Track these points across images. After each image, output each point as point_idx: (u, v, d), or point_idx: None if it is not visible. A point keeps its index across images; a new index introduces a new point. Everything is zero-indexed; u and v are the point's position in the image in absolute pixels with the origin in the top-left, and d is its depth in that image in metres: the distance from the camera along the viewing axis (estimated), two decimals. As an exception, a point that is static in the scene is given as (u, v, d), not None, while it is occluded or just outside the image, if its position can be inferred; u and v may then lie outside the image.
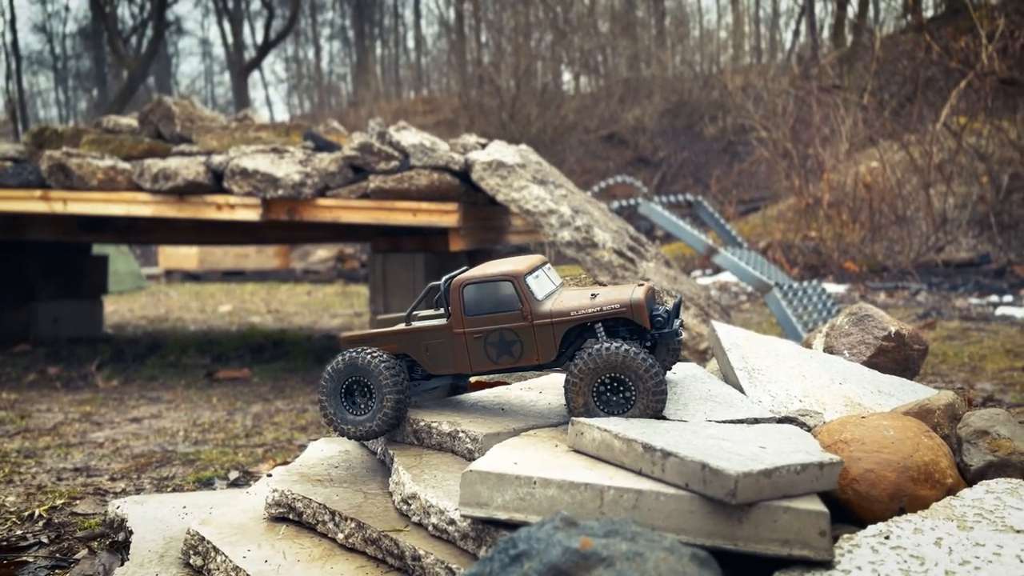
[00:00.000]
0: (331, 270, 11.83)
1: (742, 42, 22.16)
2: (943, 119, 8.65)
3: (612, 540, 1.28)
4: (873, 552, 1.43)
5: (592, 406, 1.78)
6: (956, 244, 9.03)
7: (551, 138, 16.66)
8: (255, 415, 3.53)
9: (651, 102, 19.00)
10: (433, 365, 1.93)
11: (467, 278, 1.89)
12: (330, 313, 7.43)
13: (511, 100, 16.80)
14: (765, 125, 10.99)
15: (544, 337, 1.85)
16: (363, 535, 1.69)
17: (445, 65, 25.49)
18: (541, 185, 4.04)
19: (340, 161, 4.22)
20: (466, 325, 1.88)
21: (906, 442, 1.67)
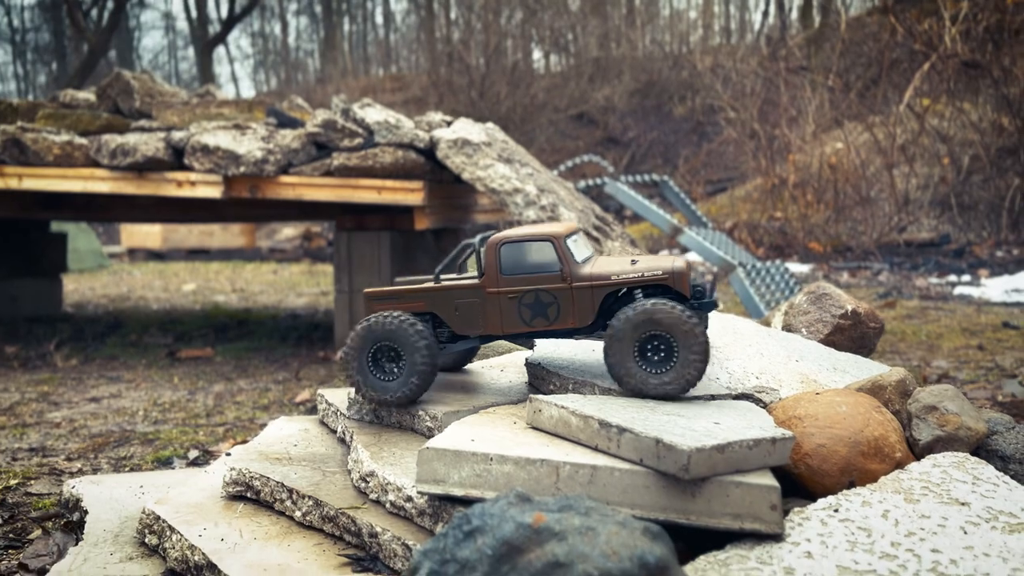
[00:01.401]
0: (298, 248, 11.72)
1: (712, 22, 22.18)
2: (906, 101, 8.75)
3: (565, 515, 1.29)
4: (822, 525, 1.46)
5: (633, 364, 1.73)
6: (918, 225, 9.17)
7: (521, 117, 16.58)
8: (217, 394, 3.49)
9: (621, 82, 18.97)
10: (462, 325, 1.87)
11: (505, 237, 1.83)
12: (296, 292, 7.37)
13: (481, 78, 16.68)
14: (733, 106, 11.03)
15: (583, 301, 1.80)
16: (321, 512, 1.69)
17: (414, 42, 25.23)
18: (507, 163, 4.02)
19: (303, 138, 4.17)
20: (501, 285, 1.82)
21: (857, 418, 1.70)
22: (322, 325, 5.38)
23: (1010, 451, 1.63)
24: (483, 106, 15.97)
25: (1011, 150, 8.90)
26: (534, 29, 19.52)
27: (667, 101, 18.75)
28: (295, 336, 5.01)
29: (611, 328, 1.73)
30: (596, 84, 19.17)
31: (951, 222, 9.15)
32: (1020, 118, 8.58)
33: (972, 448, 1.68)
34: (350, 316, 4.52)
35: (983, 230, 9.01)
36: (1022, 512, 1.45)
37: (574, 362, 2.05)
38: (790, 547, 1.41)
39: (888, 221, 8.95)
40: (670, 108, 18.59)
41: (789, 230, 9.01)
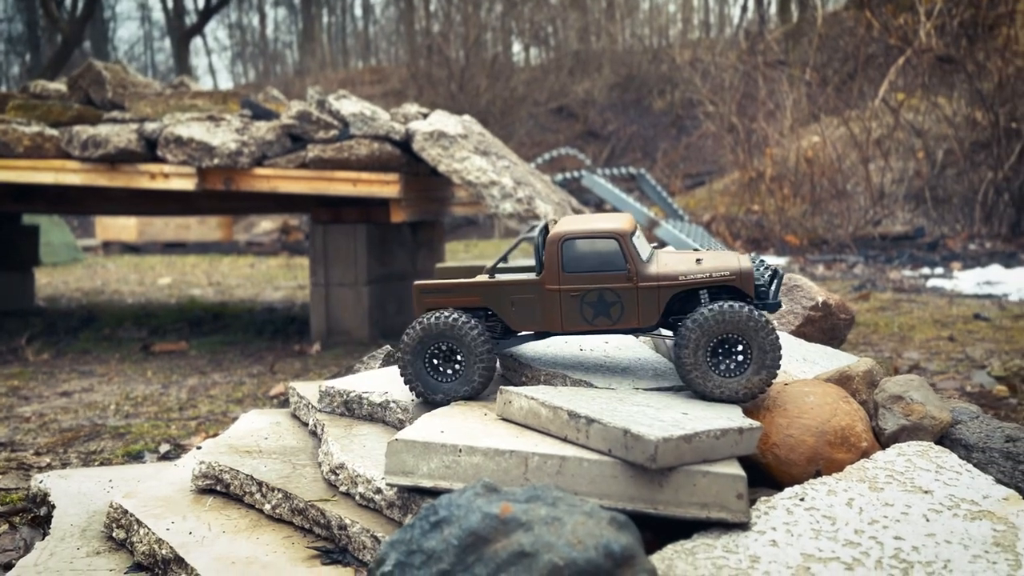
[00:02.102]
0: (275, 242, 11.64)
1: (691, 16, 22.24)
2: (881, 95, 8.83)
3: (532, 505, 1.29)
4: (788, 513, 1.47)
5: (708, 368, 1.69)
6: (893, 218, 9.26)
7: (500, 110, 16.55)
8: (191, 388, 3.47)
9: (601, 75, 18.99)
10: (518, 321, 1.81)
11: (568, 232, 1.75)
12: (273, 285, 7.32)
13: (460, 71, 16.63)
14: (712, 100, 11.08)
15: (648, 300, 1.74)
16: (290, 505, 1.68)
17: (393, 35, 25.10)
18: (483, 156, 4.01)
19: (278, 130, 4.14)
20: (563, 282, 1.75)
21: (824, 408, 1.71)
22: (298, 319, 5.35)
23: (973, 440, 1.66)
24: (463, 99, 15.92)
25: (984, 144, 9.00)
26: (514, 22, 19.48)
27: (647, 95, 18.79)
28: (271, 330, 4.98)
29: (686, 331, 1.68)
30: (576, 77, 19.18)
31: (925, 215, 9.25)
32: (993, 113, 8.68)
33: (936, 437, 1.70)
34: (326, 309, 4.50)
35: (957, 223, 9.12)
36: (984, 500, 1.47)
37: (546, 354, 2.05)
38: (756, 536, 1.42)
39: (864, 214, 9.03)
40: (649, 102, 18.64)
41: (766, 223, 9.07)
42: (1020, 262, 7.17)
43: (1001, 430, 1.66)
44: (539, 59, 20.87)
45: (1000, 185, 8.65)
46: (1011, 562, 1.30)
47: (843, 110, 9.59)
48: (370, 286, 4.45)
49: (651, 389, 1.83)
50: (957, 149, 9.05)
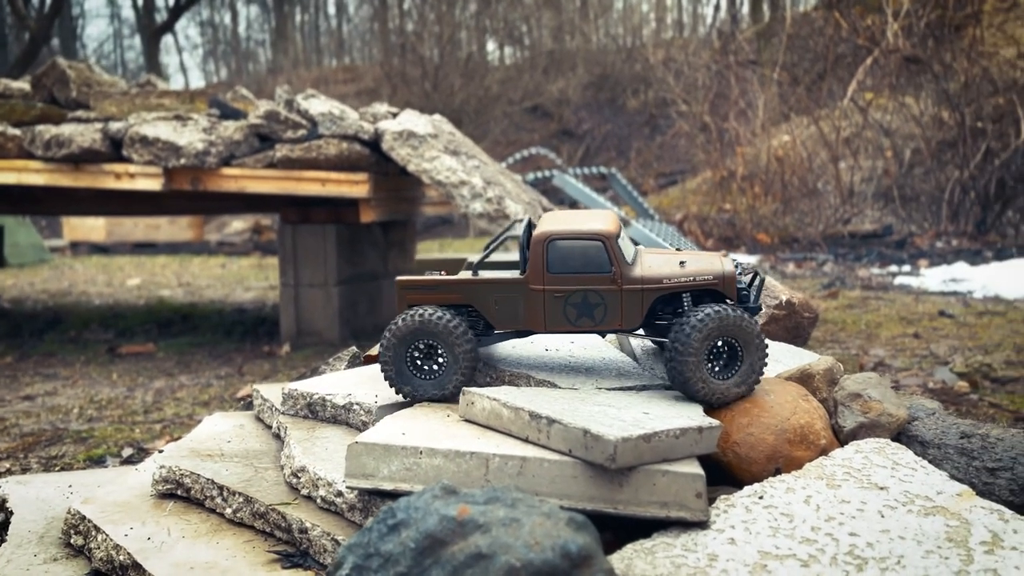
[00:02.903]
0: (247, 242, 11.54)
1: (664, 15, 22.36)
2: (850, 95, 8.93)
3: (491, 507, 1.29)
4: (747, 511, 1.48)
5: (705, 372, 1.69)
6: (862, 216, 9.37)
7: (475, 109, 16.54)
8: (157, 391, 3.43)
9: (575, 74, 19.02)
10: (500, 320, 1.80)
11: (553, 233, 1.75)
12: (244, 286, 7.26)
13: (434, 70, 16.59)
14: (685, 99, 11.14)
15: (631, 303, 1.74)
16: (251, 509, 1.67)
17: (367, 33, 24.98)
18: (453, 156, 4.01)
19: (245, 129, 4.11)
20: (547, 283, 1.75)
21: (784, 406, 1.73)
22: (269, 319, 5.31)
23: (929, 436, 1.68)
24: (437, 98, 15.88)
25: (951, 143, 9.13)
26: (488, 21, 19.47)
27: (621, 94, 18.86)
28: (241, 331, 4.94)
29: (679, 336, 1.68)
30: (550, 77, 19.20)
31: (894, 214, 9.37)
32: (959, 112, 8.81)
33: (894, 434, 1.72)
34: (295, 310, 4.47)
35: (924, 222, 9.25)
36: (937, 495, 1.49)
37: (511, 354, 2.06)
38: (715, 534, 1.43)
39: (833, 213, 9.13)
40: (623, 101, 18.70)
41: (738, 222, 9.14)
42: (985, 260, 7.29)
43: (956, 426, 1.68)
44: (513, 58, 20.87)
45: (966, 184, 8.78)
46: (963, 557, 1.32)
47: (813, 109, 9.68)
48: (340, 286, 4.43)
49: (614, 389, 1.84)
50: (924, 148, 9.18)
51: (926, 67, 9.18)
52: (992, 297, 5.69)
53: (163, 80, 6.04)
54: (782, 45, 9.53)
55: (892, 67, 9.04)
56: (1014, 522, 1.40)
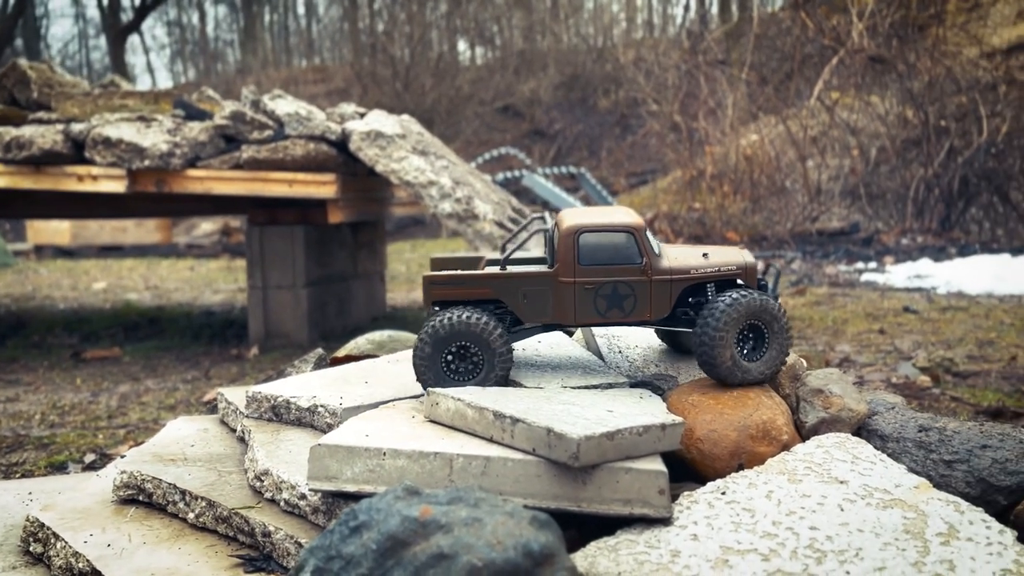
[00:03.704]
0: (216, 244, 11.42)
1: (634, 15, 22.47)
2: (816, 94, 9.03)
3: (454, 507, 1.29)
4: (709, 507, 1.50)
5: (736, 355, 1.74)
6: (829, 214, 9.49)
7: (446, 109, 16.50)
8: (121, 395, 3.38)
9: (546, 74, 19.06)
10: (529, 314, 1.80)
11: (584, 225, 1.76)
12: (212, 288, 7.18)
13: (405, 70, 16.53)
14: (655, 99, 11.20)
15: (660, 293, 1.78)
16: (214, 513, 1.65)
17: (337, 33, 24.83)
18: (422, 156, 4.00)
19: (211, 130, 4.06)
20: (577, 275, 1.76)
21: (747, 402, 1.74)
22: (237, 322, 5.26)
23: (888, 430, 1.70)
24: (408, 98, 15.82)
25: (915, 142, 9.28)
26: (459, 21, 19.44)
27: (592, 94, 18.92)
28: (208, 334, 4.88)
29: (711, 319, 1.72)
30: (522, 77, 19.22)
31: (861, 211, 9.50)
32: (923, 111, 8.95)
33: (854, 428, 1.75)
34: (264, 312, 4.43)
35: (891, 219, 9.38)
36: (896, 488, 1.51)
37: (478, 354, 2.05)
38: (678, 530, 1.44)
39: (801, 211, 9.23)
40: (595, 101, 18.77)
41: (707, 220, 9.21)
42: (949, 256, 7.41)
43: (914, 420, 1.71)
44: (485, 58, 20.86)
45: (930, 181, 8.93)
46: (919, 548, 1.34)
47: (781, 109, 9.79)
48: (309, 288, 4.40)
49: (579, 387, 1.85)
50: (889, 147, 9.31)
51: (890, 67, 9.32)
52: (955, 293, 5.79)
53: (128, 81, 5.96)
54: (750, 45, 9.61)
55: (857, 67, 9.16)
56: (969, 513, 1.43)
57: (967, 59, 9.58)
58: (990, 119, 8.80)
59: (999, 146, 8.84)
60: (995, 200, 9.04)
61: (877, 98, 9.74)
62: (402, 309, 5.63)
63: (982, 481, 1.53)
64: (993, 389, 3.08)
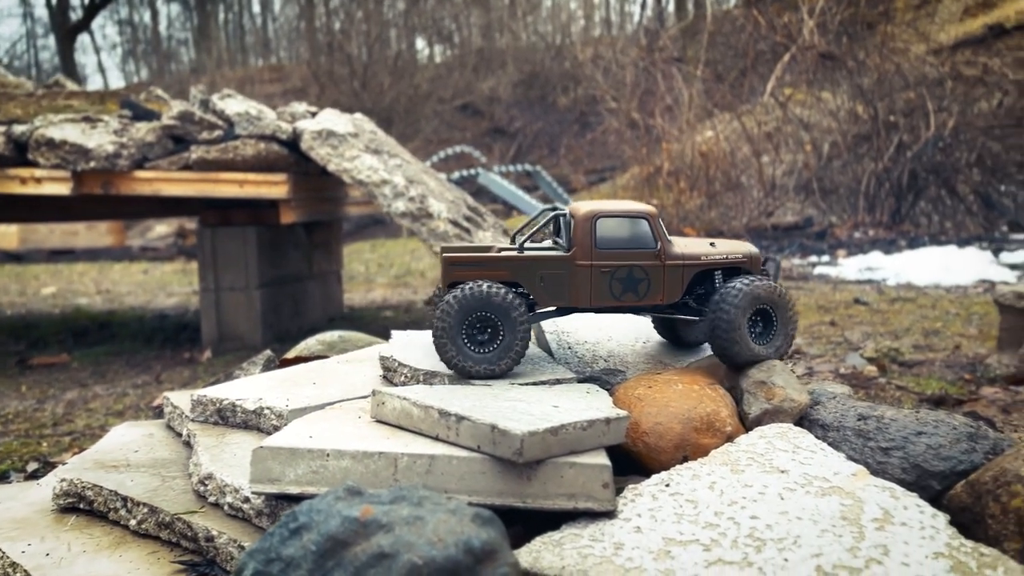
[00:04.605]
0: (171, 246, 11.23)
1: (592, 13, 22.57)
2: (769, 90, 9.16)
3: (396, 506, 1.29)
4: (653, 499, 1.51)
5: (748, 338, 1.83)
6: (784, 209, 9.63)
7: (405, 108, 16.42)
8: (68, 402, 3.31)
9: (505, 72, 19.06)
10: (546, 297, 1.84)
11: (600, 211, 1.82)
12: (166, 292, 7.07)
13: (363, 69, 16.41)
14: (614, 96, 11.27)
15: (673, 278, 1.85)
16: (156, 519, 1.63)
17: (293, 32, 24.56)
18: (375, 155, 3.97)
19: (159, 131, 3.99)
20: (594, 258, 1.81)
21: (691, 395, 1.76)
22: (191, 325, 5.18)
23: (829, 420, 1.74)
24: (366, 97, 15.71)
25: (866, 137, 9.46)
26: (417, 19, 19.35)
27: (551, 92, 18.96)
28: (161, 338, 4.80)
29: (724, 302, 1.81)
30: (480, 75, 19.19)
31: (814, 206, 9.66)
32: (873, 107, 9.12)
33: (796, 418, 1.77)
34: (216, 315, 4.37)
35: (843, 213, 9.55)
36: (834, 476, 1.54)
37: (428, 353, 2.04)
38: (622, 523, 1.45)
39: (757, 206, 9.36)
40: (554, 99, 18.81)
41: (665, 216, 9.29)
42: (899, 248, 7.57)
43: (854, 409, 1.74)
44: (443, 56, 20.80)
45: (881, 176, 9.11)
46: (855, 534, 1.37)
47: (736, 106, 9.91)
48: (262, 289, 4.35)
49: (527, 384, 1.85)
50: (841, 142, 9.48)
51: (841, 63, 9.49)
52: (904, 284, 5.92)
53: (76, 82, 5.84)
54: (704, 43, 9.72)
55: (809, 63, 9.31)
56: (904, 499, 1.46)
57: (915, 56, 9.78)
58: (937, 114, 9.00)
59: (946, 140, 9.05)
60: (943, 193, 9.25)
61: (829, 94, 9.91)
62: (360, 309, 5.59)
63: (917, 467, 1.56)
64: (937, 378, 3.15)
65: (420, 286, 6.79)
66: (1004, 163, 9.48)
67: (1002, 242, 7.67)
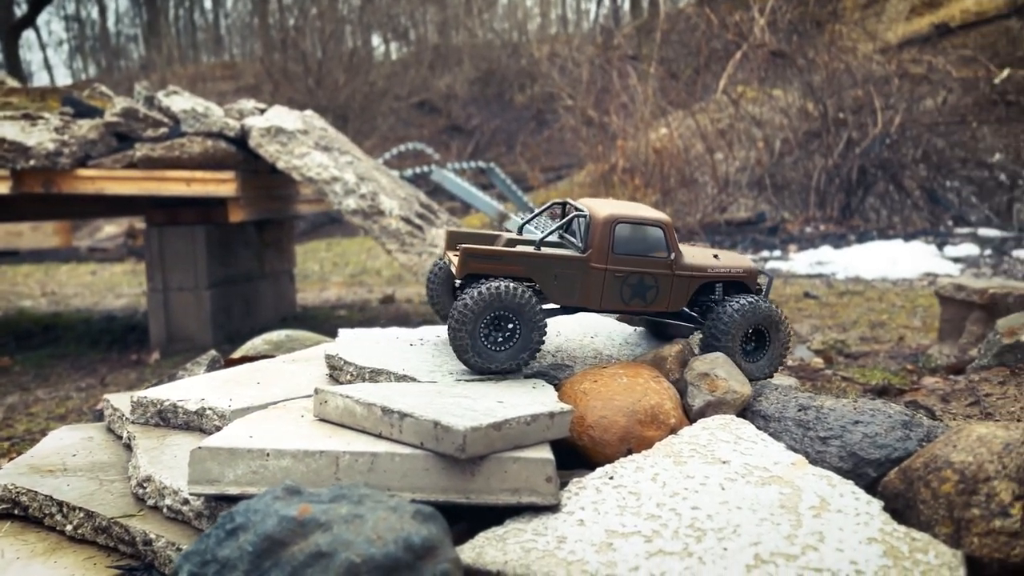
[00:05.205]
0: (121, 247, 10.99)
1: (548, 11, 22.61)
2: (721, 88, 9.27)
3: (335, 505, 1.27)
4: (597, 492, 1.52)
5: (740, 353, 1.89)
6: (737, 205, 9.76)
7: (361, 105, 16.28)
8: (8, 407, 3.22)
9: (461, 70, 19.01)
10: (558, 295, 1.86)
11: (620, 216, 1.85)
12: (115, 293, 6.92)
13: (317, 66, 16.24)
14: (570, 94, 11.30)
15: (680, 288, 1.89)
16: (93, 524, 1.59)
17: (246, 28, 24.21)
18: (325, 152, 3.93)
19: (101, 128, 3.91)
20: (609, 262, 1.84)
21: (636, 388, 1.78)
22: (140, 327, 5.07)
23: (771, 411, 1.76)
24: (321, 94, 15.54)
25: (816, 134, 9.62)
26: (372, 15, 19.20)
27: (508, 89, 18.96)
28: (108, 340, 4.70)
29: (720, 321, 1.88)
30: (437, 72, 19.11)
31: (767, 201, 9.80)
32: (823, 104, 9.28)
33: (739, 410, 1.80)
34: (165, 316, 4.29)
35: (795, 208, 9.71)
36: (774, 466, 1.57)
37: (375, 352, 2.03)
38: (565, 516, 1.45)
39: (711, 202, 9.46)
40: (511, 96, 18.81)
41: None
42: (848, 243, 7.72)
43: (795, 400, 1.77)
44: (399, 53, 20.68)
45: (831, 172, 9.27)
46: (793, 522, 1.39)
47: (690, 103, 10.00)
48: (212, 289, 4.28)
49: (474, 380, 1.85)
50: (792, 138, 9.63)
51: (791, 61, 9.64)
52: (853, 278, 6.04)
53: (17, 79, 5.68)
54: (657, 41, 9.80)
55: (760, 61, 9.44)
56: (840, 486, 1.49)
57: (863, 54, 9.98)
58: (884, 111, 9.20)
59: (893, 137, 9.25)
60: (890, 189, 9.46)
61: (780, 92, 10.06)
62: (313, 309, 5.53)
63: (854, 455, 1.59)
64: (881, 368, 3.22)
65: (376, 285, 6.75)
66: (949, 159, 9.73)
67: (946, 236, 7.87)
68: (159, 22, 25.00)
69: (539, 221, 2.09)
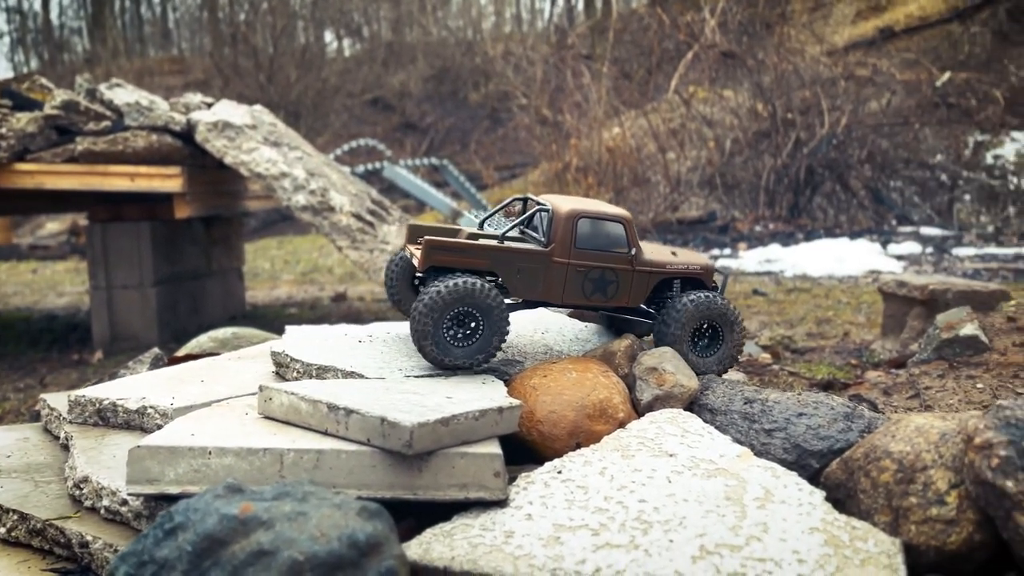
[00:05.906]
0: (64, 245, 10.69)
1: (503, 9, 22.60)
2: (673, 88, 9.37)
3: (278, 503, 1.25)
4: (545, 487, 1.52)
5: (688, 348, 1.91)
6: (689, 204, 9.87)
7: (313, 101, 16.09)
8: (-58, 409, 3.11)
9: (415, 67, 18.90)
10: (521, 289, 1.86)
11: (582, 211, 1.86)
12: (57, 291, 6.73)
13: (269, 61, 15.99)
14: (524, 92, 11.31)
15: (640, 283, 1.91)
16: (27, 527, 1.54)
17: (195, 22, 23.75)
18: (274, 147, 3.87)
19: (40, 121, 3.79)
20: (572, 257, 1.85)
21: (585, 383, 1.78)
22: (82, 326, 4.94)
23: (717, 404, 1.78)
24: (272, 90, 15.30)
25: (765, 134, 9.78)
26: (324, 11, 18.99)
27: (462, 87, 18.91)
28: (49, 339, 4.57)
29: (671, 313, 1.90)
30: (390, 69, 18.97)
31: (718, 200, 9.93)
32: (772, 105, 9.44)
33: (687, 404, 1.81)
34: (109, 314, 4.18)
35: (745, 207, 9.86)
36: (720, 458, 1.58)
37: (322, 349, 2.00)
38: (513, 511, 1.45)
39: (663, 201, 9.56)
40: (465, 94, 18.77)
41: (575, 212, 9.38)
42: (796, 241, 7.87)
43: (741, 393, 1.79)
44: (352, 50, 20.48)
45: (780, 171, 9.44)
46: (738, 513, 1.41)
47: (643, 103, 10.09)
48: (158, 287, 4.18)
49: (423, 376, 1.84)
50: (742, 138, 9.78)
51: (741, 62, 9.78)
52: (800, 275, 6.15)
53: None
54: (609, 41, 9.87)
55: (711, 62, 9.56)
56: (784, 477, 1.51)
57: (810, 56, 10.17)
58: (831, 112, 9.39)
59: (839, 137, 9.45)
60: (837, 188, 9.66)
61: (730, 92, 10.20)
62: (263, 307, 5.45)
63: (797, 447, 1.62)
64: (827, 363, 3.28)
65: (327, 283, 6.67)
66: (892, 160, 9.98)
67: (890, 235, 8.07)
68: (104, 15, 24.39)
69: (499, 217, 2.10)
